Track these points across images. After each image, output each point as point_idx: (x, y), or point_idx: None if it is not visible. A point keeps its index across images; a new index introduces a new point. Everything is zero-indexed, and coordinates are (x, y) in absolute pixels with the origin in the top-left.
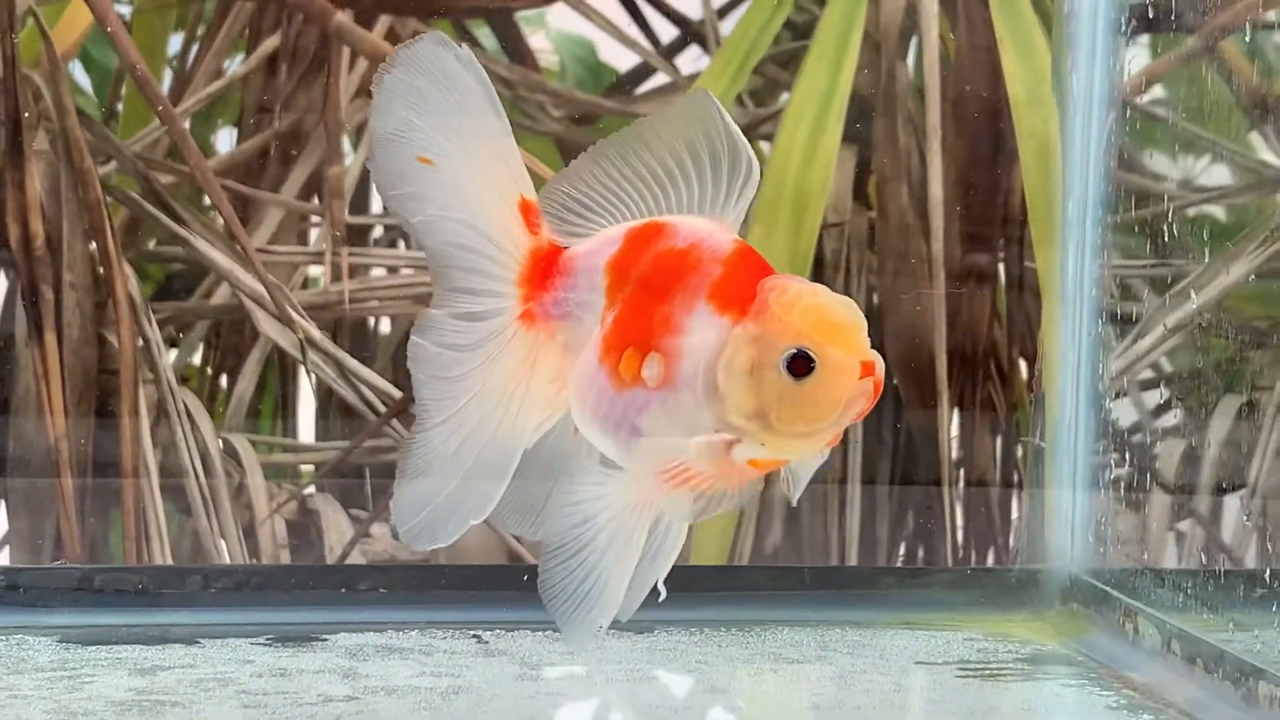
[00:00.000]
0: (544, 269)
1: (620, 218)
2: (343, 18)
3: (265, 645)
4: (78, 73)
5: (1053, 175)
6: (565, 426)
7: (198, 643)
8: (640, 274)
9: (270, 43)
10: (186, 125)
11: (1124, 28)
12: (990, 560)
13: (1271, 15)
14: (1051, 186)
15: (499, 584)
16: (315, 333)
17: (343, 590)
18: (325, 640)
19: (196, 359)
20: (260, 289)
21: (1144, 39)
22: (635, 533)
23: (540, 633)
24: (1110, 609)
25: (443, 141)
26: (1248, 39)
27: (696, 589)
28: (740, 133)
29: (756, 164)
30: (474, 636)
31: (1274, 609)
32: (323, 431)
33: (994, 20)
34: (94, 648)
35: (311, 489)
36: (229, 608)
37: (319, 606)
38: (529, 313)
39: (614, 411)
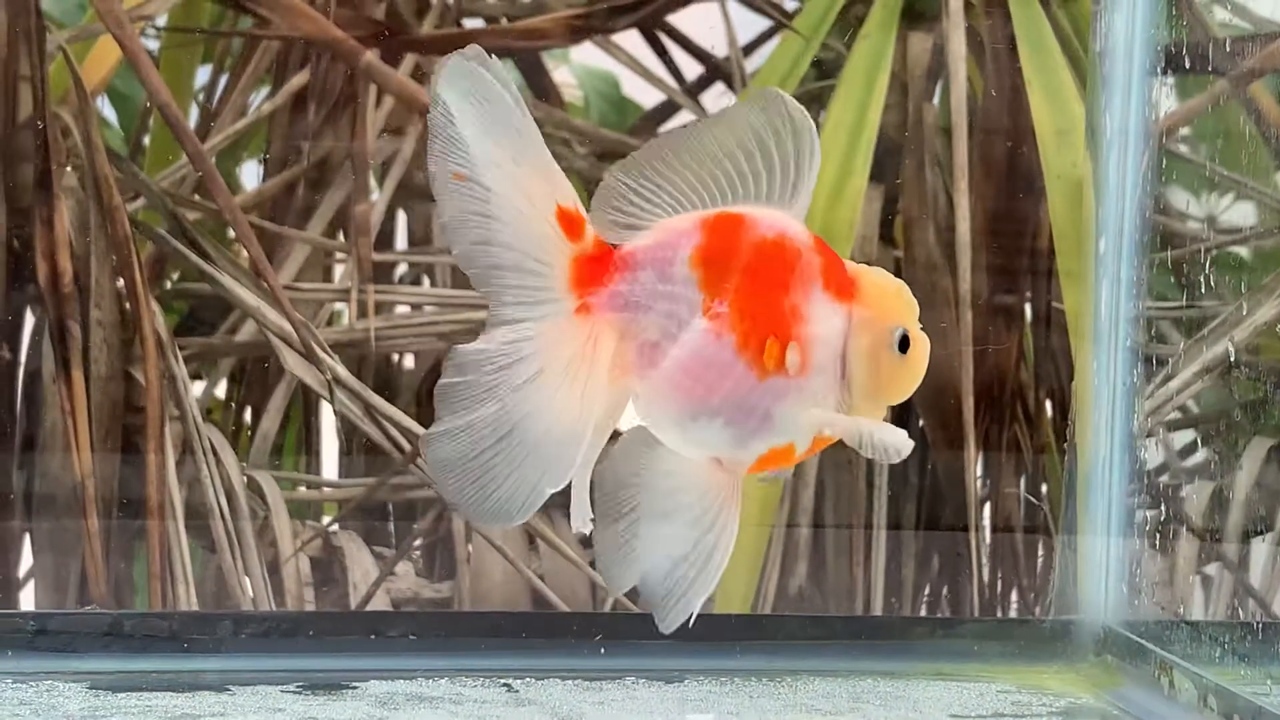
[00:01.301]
0: (594, 270)
1: (676, 209)
2: (371, 57)
3: (296, 693)
4: (104, 107)
5: (1084, 215)
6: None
7: (228, 690)
8: (745, 264)
9: (299, 79)
10: (212, 161)
11: (1156, 69)
12: (1017, 603)
13: None
14: (1083, 226)
15: (527, 630)
16: (341, 370)
17: (372, 636)
18: (355, 688)
19: (221, 393)
20: (286, 326)
21: (1175, 79)
22: (733, 518)
23: (570, 681)
24: (1145, 661)
25: (476, 157)
26: (1277, 81)
27: (725, 637)
28: (808, 118)
29: (819, 149)
30: (504, 685)
31: None
32: (346, 469)
33: (1022, 61)
34: (124, 694)
35: (335, 527)
36: (259, 654)
37: (348, 653)
38: (585, 306)
39: (752, 399)
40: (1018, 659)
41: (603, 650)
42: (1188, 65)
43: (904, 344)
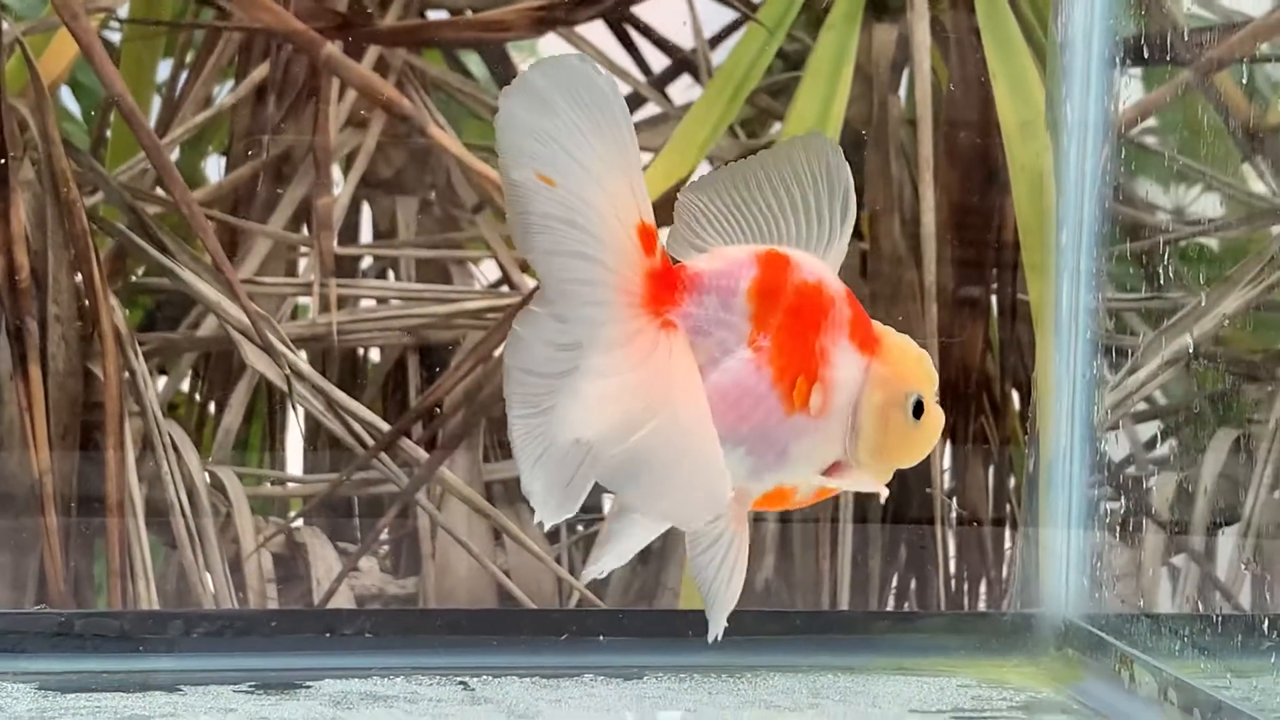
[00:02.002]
0: (665, 286)
1: (731, 239)
2: (333, 49)
3: (248, 693)
4: (68, 99)
5: (1045, 207)
6: None
7: (179, 690)
8: (788, 304)
9: (259, 72)
10: (176, 154)
11: (1117, 60)
12: (985, 596)
13: (1265, 48)
14: (1044, 218)
15: (486, 628)
16: (303, 365)
17: (327, 635)
18: (309, 687)
19: (185, 388)
20: (248, 320)
21: (1137, 71)
22: (744, 543)
23: (528, 679)
24: (1106, 655)
25: (569, 161)
26: (1241, 72)
27: (686, 633)
28: (849, 174)
29: (854, 206)
30: (461, 683)
31: (1272, 658)
32: (311, 464)
33: (986, 52)
34: (74, 695)
35: (299, 522)
36: (212, 653)
37: (303, 652)
38: (667, 323)
39: (776, 433)
40: (979, 653)
41: (564, 636)
42: (1148, 56)
43: (919, 410)
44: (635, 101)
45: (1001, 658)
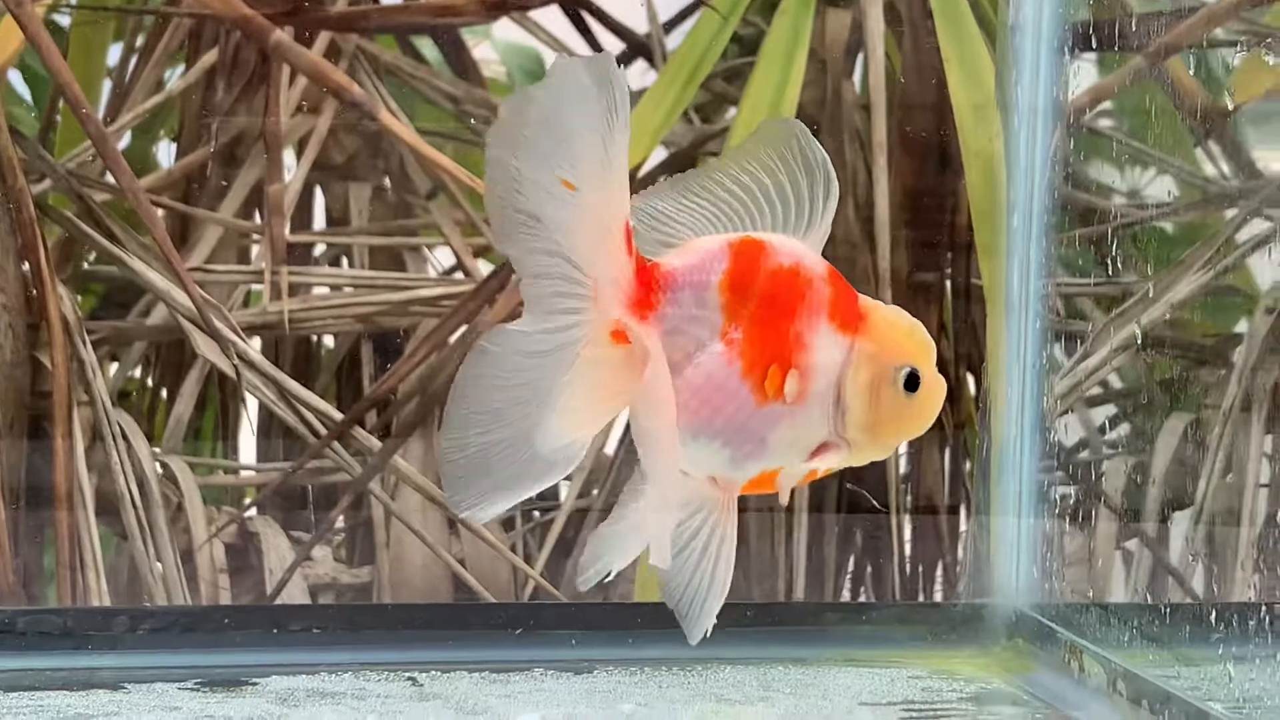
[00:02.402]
0: (642, 287)
1: (702, 231)
2: (282, 35)
3: (193, 690)
4: (18, 83)
5: (998, 190)
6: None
7: (124, 688)
8: (760, 291)
9: (209, 57)
10: (127, 139)
11: (1066, 47)
12: (941, 585)
13: (1219, 33)
14: (995, 203)
15: (438, 622)
16: (253, 353)
17: (275, 631)
18: (256, 684)
19: (137, 374)
20: (196, 309)
21: (1090, 57)
22: (732, 530)
23: (478, 673)
24: (1056, 645)
25: (584, 162)
26: (1190, 58)
27: (637, 626)
28: (823, 153)
29: (836, 185)
30: (409, 679)
31: (1219, 649)
32: (265, 453)
33: (939, 37)
34: (16, 694)
35: (253, 512)
36: (157, 650)
37: (250, 648)
38: (648, 324)
39: (749, 424)
40: (930, 644)
41: (518, 631)
42: (1099, 42)
43: (913, 382)
44: None
45: (953, 648)
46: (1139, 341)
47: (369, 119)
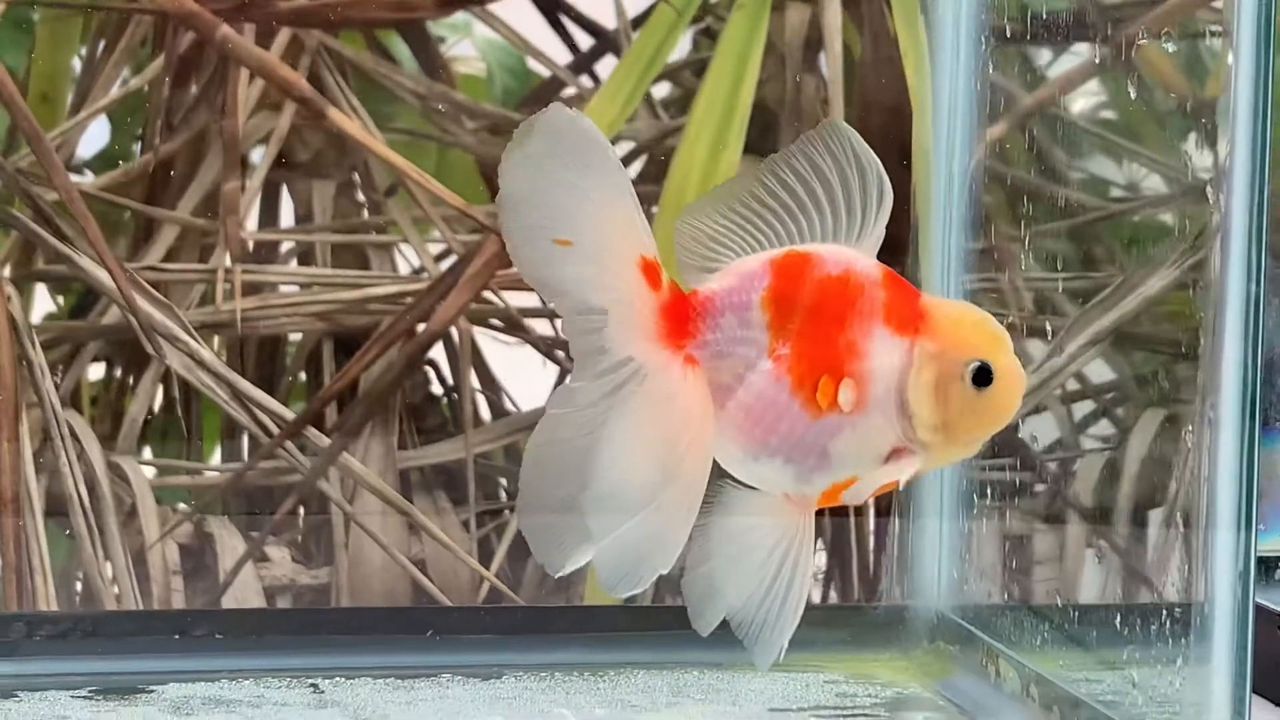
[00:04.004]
0: (678, 319)
1: (747, 250)
2: (228, 30)
3: (86, 698)
4: None
5: (930, 186)
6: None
7: (15, 696)
8: (807, 304)
9: (169, 54)
10: (107, 136)
11: (984, 44)
12: (862, 588)
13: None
14: (927, 197)
15: (339, 628)
16: (205, 353)
17: (176, 637)
18: (152, 691)
19: (97, 377)
20: (151, 309)
21: (1010, 50)
22: (808, 552)
23: (382, 680)
24: (975, 649)
25: (571, 216)
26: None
27: (549, 630)
28: (873, 156)
29: (890, 188)
30: (311, 685)
31: (1124, 655)
32: (228, 453)
33: (897, 30)
34: None
35: (214, 513)
36: (55, 657)
37: (150, 655)
38: (689, 358)
39: (806, 438)
40: (850, 648)
41: (435, 635)
42: (1016, 35)
43: (983, 376)
44: (556, 85)
45: (873, 652)
46: (1049, 340)
47: (317, 117)
